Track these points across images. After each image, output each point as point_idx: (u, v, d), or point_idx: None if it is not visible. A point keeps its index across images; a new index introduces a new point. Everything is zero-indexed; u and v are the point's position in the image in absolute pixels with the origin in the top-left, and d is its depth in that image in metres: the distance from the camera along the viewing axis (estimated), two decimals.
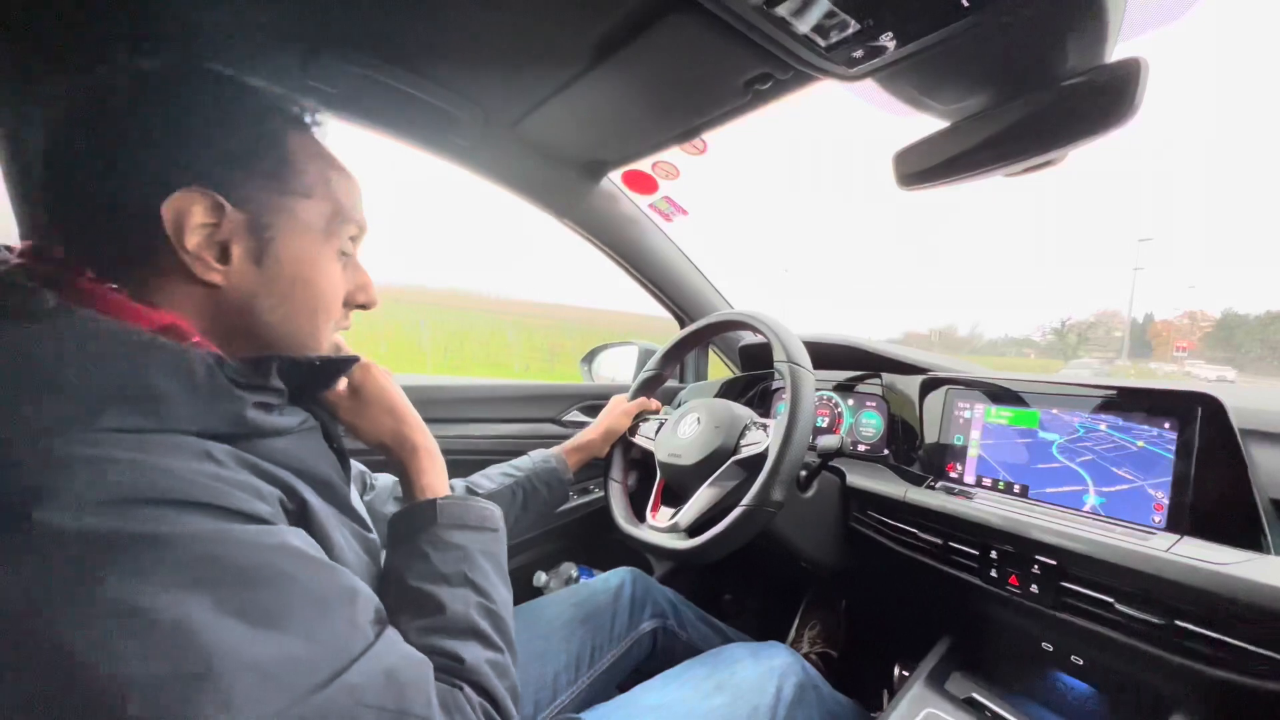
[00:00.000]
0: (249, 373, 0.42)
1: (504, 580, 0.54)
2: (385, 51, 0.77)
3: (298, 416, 0.47)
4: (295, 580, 0.35)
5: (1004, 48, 0.63)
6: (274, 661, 0.32)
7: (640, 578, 0.97)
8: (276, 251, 0.45)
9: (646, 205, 1.25)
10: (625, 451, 1.04)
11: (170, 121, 0.41)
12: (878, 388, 1.07)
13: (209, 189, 0.41)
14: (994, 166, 0.72)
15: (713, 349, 1.56)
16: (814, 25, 0.61)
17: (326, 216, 0.47)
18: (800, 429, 0.75)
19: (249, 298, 0.44)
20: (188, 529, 0.32)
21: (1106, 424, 0.73)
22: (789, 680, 0.72)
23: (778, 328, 0.85)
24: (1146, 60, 0.57)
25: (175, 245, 0.40)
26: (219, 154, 0.42)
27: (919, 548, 0.83)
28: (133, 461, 0.33)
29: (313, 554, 0.38)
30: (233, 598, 0.32)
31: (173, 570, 0.31)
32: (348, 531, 0.47)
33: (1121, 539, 0.64)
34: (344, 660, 0.35)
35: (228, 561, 0.33)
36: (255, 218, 0.43)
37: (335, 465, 0.50)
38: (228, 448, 0.38)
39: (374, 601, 0.41)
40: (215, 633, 0.31)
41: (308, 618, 0.35)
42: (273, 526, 0.37)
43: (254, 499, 0.37)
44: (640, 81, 0.81)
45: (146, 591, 0.30)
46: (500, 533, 0.56)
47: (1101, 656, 0.70)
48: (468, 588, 0.49)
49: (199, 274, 0.42)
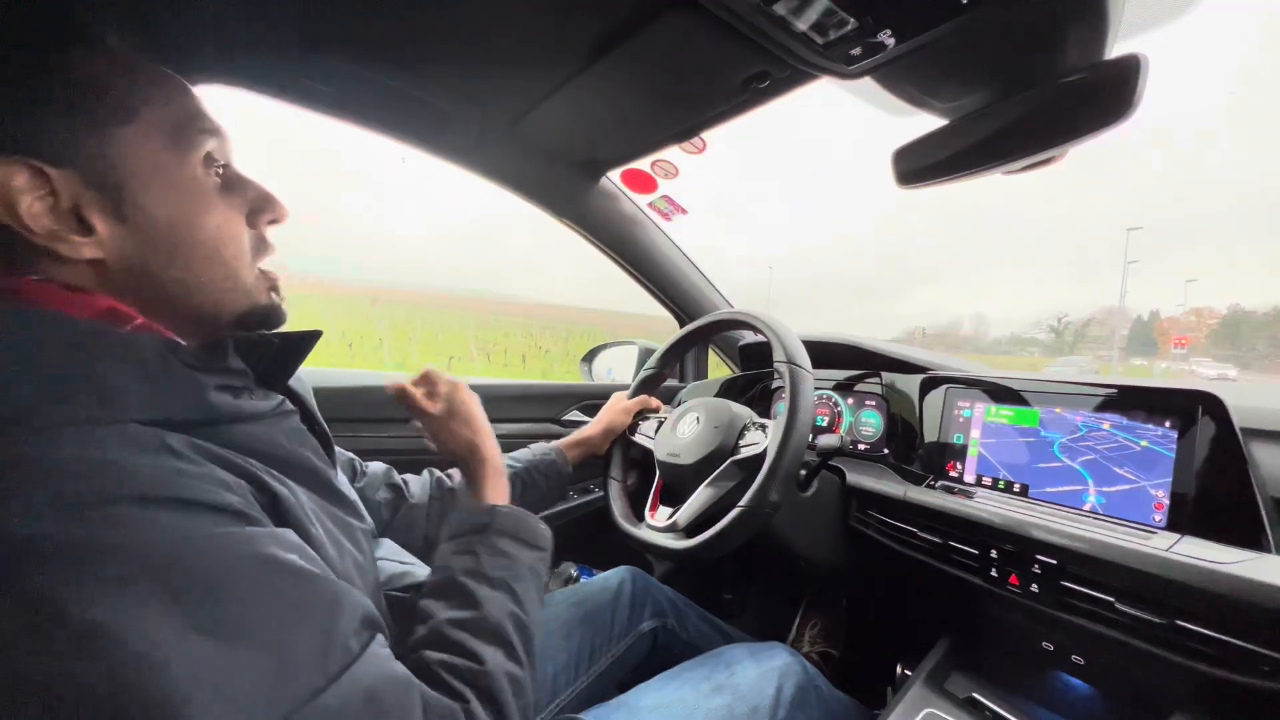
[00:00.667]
0: (204, 355, 0.40)
1: (540, 601, 0.53)
2: (382, 50, 0.77)
3: (271, 400, 0.46)
4: (267, 589, 0.33)
5: (1002, 45, 0.63)
6: (242, 684, 0.30)
7: (640, 577, 0.97)
8: (134, 199, 0.38)
9: (645, 204, 1.25)
10: (625, 450, 1.04)
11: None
12: (877, 387, 1.06)
13: (12, 155, 0.35)
14: (993, 164, 0.72)
15: (712, 348, 1.56)
16: (812, 23, 0.61)
17: (166, 134, 0.40)
18: (799, 431, 0.75)
19: (137, 263, 0.39)
20: (146, 532, 0.30)
21: (1110, 423, 0.73)
22: (789, 680, 0.72)
23: (777, 327, 0.85)
24: (1146, 57, 0.56)
25: (19, 230, 0.36)
26: (13, 111, 0.36)
27: (919, 547, 0.83)
28: (86, 459, 0.31)
29: (287, 559, 0.35)
30: (198, 610, 0.30)
31: (132, 582, 0.29)
32: (330, 521, 0.45)
33: (1122, 538, 0.63)
34: (320, 680, 0.33)
35: (192, 569, 0.31)
36: (87, 169, 0.37)
37: (317, 449, 0.48)
38: (187, 438, 0.36)
39: (360, 609, 0.38)
40: (179, 651, 0.29)
41: (281, 632, 0.32)
42: (244, 529, 0.34)
43: (219, 489, 0.34)
44: (638, 80, 0.80)
45: (106, 607, 0.28)
46: (547, 555, 0.57)
47: (1102, 656, 0.69)
48: (507, 594, 0.49)
49: (66, 254, 0.37)
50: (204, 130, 0.42)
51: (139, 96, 0.39)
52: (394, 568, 0.60)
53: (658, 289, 1.39)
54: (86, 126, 0.37)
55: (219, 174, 0.43)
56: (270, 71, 0.78)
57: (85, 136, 0.37)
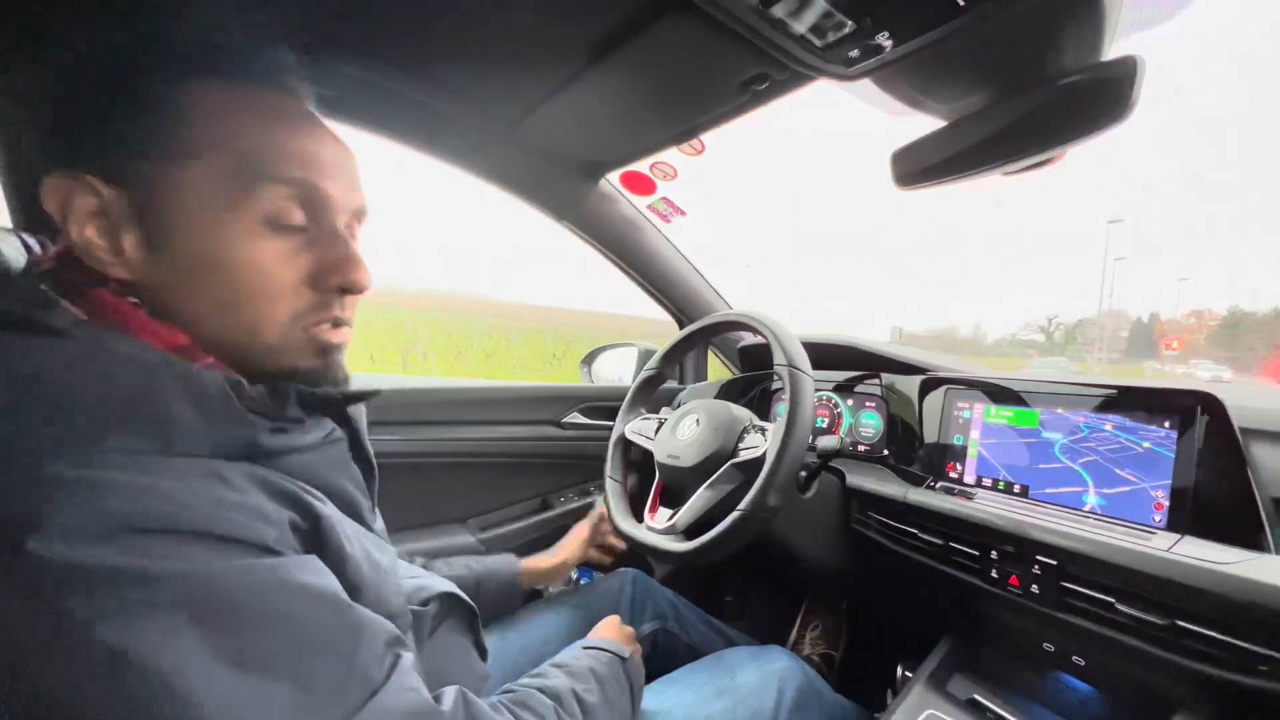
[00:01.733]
0: (266, 401, 0.40)
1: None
2: (381, 53, 0.77)
3: (321, 430, 0.45)
4: (294, 620, 0.33)
5: (1000, 46, 0.63)
6: (264, 714, 0.30)
7: (641, 579, 0.97)
8: (173, 232, 0.38)
9: (645, 206, 1.25)
10: (625, 451, 1.04)
11: (68, 102, 0.37)
12: (877, 388, 1.06)
13: (82, 170, 0.36)
14: (992, 165, 0.72)
15: (712, 350, 1.56)
16: (810, 25, 0.61)
17: (227, 177, 0.38)
18: (798, 435, 0.75)
19: (159, 292, 0.39)
20: (180, 563, 0.30)
21: (1113, 424, 0.73)
22: (790, 684, 0.72)
23: (777, 329, 0.85)
24: (1143, 58, 0.56)
25: (68, 238, 0.37)
26: (88, 126, 0.37)
27: (919, 548, 0.83)
28: (131, 484, 0.31)
29: (317, 587, 0.35)
30: (225, 641, 0.30)
31: (163, 610, 0.29)
32: (365, 545, 0.45)
33: (1122, 539, 0.63)
34: (343, 712, 0.33)
35: (222, 599, 0.31)
36: (137, 194, 0.37)
37: (357, 479, 0.48)
38: (243, 465, 0.37)
39: (385, 632, 0.38)
40: (201, 679, 0.29)
41: (305, 662, 0.33)
42: (275, 559, 0.34)
43: (258, 523, 0.34)
44: (637, 82, 0.81)
45: (134, 632, 0.28)
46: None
47: (1103, 657, 0.69)
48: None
49: (96, 267, 0.37)
50: (279, 178, 0.40)
51: (220, 133, 0.39)
52: (410, 583, 0.60)
53: (657, 291, 1.39)
54: (158, 158, 0.37)
55: (284, 225, 0.41)
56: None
57: (150, 165, 0.37)
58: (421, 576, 0.64)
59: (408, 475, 1.09)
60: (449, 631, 0.60)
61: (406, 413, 1.08)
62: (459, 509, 1.17)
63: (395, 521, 1.06)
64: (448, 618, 0.61)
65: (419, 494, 1.11)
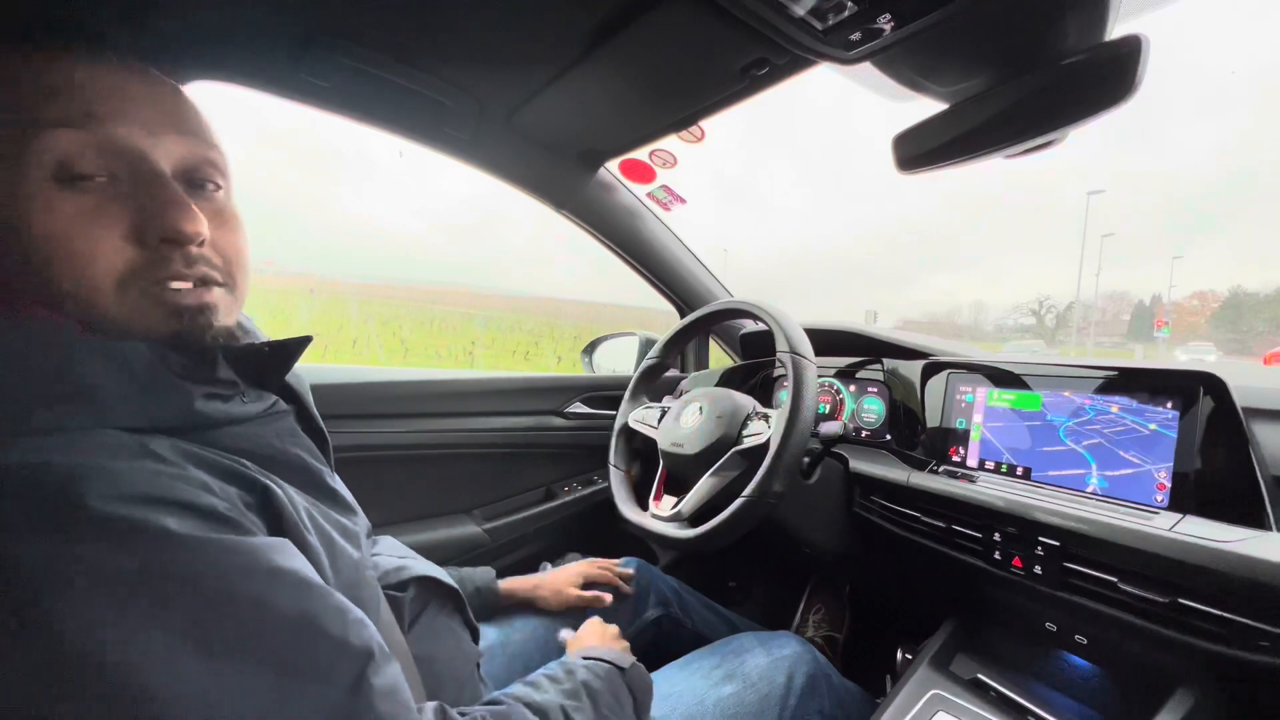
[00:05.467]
0: (194, 364, 0.39)
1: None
2: (377, 44, 0.76)
3: (263, 402, 0.45)
4: (266, 603, 0.31)
5: (1002, 27, 0.62)
6: (239, 705, 0.29)
7: (644, 567, 0.98)
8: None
9: (644, 194, 1.24)
10: (628, 440, 1.04)
11: None
12: (879, 373, 1.06)
13: None
14: (994, 148, 0.72)
15: (713, 338, 1.56)
16: (811, 8, 0.61)
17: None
18: (802, 421, 0.75)
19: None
20: (126, 537, 0.29)
21: (1119, 406, 0.73)
22: (800, 669, 0.73)
23: (779, 316, 0.85)
24: (1147, 37, 0.56)
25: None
26: None
27: (923, 531, 0.83)
28: (56, 464, 0.29)
29: (289, 568, 0.34)
30: (189, 624, 0.29)
31: (119, 596, 0.28)
32: (326, 523, 0.43)
33: (1124, 519, 0.64)
34: (321, 701, 0.32)
35: (179, 576, 0.29)
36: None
37: (310, 448, 0.47)
38: (173, 441, 0.35)
39: (365, 635, 0.36)
40: (169, 669, 0.28)
41: (281, 650, 0.31)
42: (238, 538, 0.32)
43: (201, 492, 0.33)
44: (636, 69, 0.80)
45: (90, 622, 0.27)
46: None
47: (1105, 635, 0.70)
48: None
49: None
50: (57, 124, 0.35)
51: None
52: (391, 563, 0.60)
53: (658, 279, 1.39)
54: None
55: (75, 178, 0.36)
56: (266, 67, 0.78)
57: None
58: (406, 558, 0.64)
59: (412, 466, 1.09)
60: (435, 613, 0.60)
61: (410, 404, 1.08)
62: (464, 500, 1.17)
63: (401, 512, 1.07)
64: (431, 600, 0.61)
65: (424, 485, 1.11)
